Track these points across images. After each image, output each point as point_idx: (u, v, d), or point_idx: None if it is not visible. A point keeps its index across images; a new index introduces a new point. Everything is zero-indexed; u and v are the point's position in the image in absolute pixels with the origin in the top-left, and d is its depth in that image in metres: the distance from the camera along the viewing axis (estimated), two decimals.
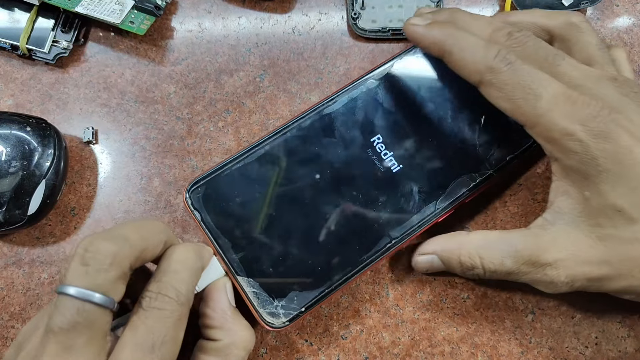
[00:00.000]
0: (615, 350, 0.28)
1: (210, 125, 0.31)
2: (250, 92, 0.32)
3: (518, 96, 0.22)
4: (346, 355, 0.29)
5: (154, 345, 0.19)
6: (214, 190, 0.25)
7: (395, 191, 0.26)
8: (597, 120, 0.20)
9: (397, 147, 0.27)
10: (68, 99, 0.32)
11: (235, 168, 0.26)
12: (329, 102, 0.27)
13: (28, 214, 0.27)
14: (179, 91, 0.32)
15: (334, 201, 0.26)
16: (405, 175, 0.26)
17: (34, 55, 0.31)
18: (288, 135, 0.26)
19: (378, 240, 0.26)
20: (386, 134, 0.27)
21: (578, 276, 0.21)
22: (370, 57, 0.32)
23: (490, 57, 0.23)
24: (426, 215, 0.26)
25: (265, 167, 0.26)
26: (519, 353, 0.28)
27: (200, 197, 0.25)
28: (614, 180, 0.20)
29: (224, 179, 0.26)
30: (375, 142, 0.27)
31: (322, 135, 0.27)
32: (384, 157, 0.26)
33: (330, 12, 0.33)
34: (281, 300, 0.24)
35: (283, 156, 0.26)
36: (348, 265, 0.25)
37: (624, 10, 0.33)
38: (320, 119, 0.27)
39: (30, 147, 0.28)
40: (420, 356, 0.28)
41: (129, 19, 0.30)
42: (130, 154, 0.31)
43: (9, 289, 0.29)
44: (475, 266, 0.24)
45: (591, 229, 0.21)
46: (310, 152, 0.26)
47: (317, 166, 0.26)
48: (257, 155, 0.26)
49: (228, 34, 0.33)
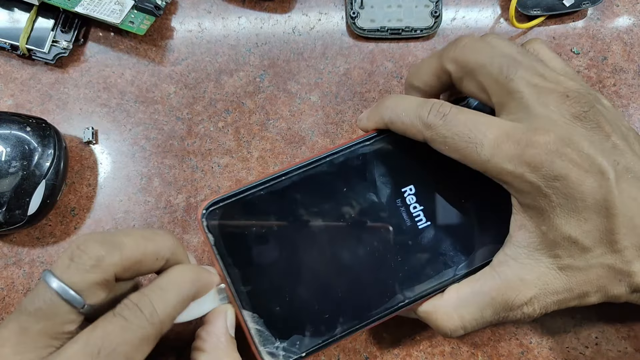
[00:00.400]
0: (615, 350, 0.28)
1: (210, 126, 0.31)
2: (250, 92, 0.32)
3: (461, 147, 0.22)
4: (346, 355, 0.29)
5: (100, 351, 0.18)
6: (232, 215, 0.23)
7: (418, 249, 0.24)
8: (545, 161, 0.20)
9: (429, 203, 0.24)
10: (68, 99, 0.32)
11: (258, 195, 0.23)
12: (368, 141, 0.25)
13: (28, 214, 0.27)
14: (179, 91, 0.32)
15: (354, 248, 0.24)
16: (431, 234, 0.24)
17: (33, 55, 0.31)
18: (319, 169, 0.24)
19: (391, 298, 0.24)
20: (420, 185, 0.24)
21: (549, 305, 0.22)
22: (370, 57, 0.32)
23: (424, 115, 0.22)
24: (443, 280, 0.24)
25: (290, 199, 0.24)
26: (519, 353, 0.28)
27: (217, 220, 0.23)
28: (567, 213, 0.21)
29: (245, 205, 0.23)
30: (406, 193, 0.24)
31: (354, 176, 0.24)
32: (412, 210, 0.24)
33: (330, 12, 0.33)
34: (283, 342, 0.23)
35: (310, 191, 0.24)
36: (356, 319, 0.24)
37: (624, 10, 0.33)
38: (356, 157, 0.24)
39: (30, 147, 0.28)
40: (420, 356, 0.28)
41: (129, 19, 0.30)
42: (130, 154, 0.31)
43: (9, 289, 0.29)
44: (455, 328, 0.23)
45: (551, 261, 0.22)
46: (339, 191, 0.24)
47: (343, 208, 0.24)
48: (284, 185, 0.24)
49: (228, 34, 0.33)
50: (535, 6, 0.32)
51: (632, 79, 0.32)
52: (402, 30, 0.32)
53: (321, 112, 0.32)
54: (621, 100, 0.32)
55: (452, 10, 0.33)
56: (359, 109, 0.32)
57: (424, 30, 0.32)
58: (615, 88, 0.32)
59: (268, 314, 0.23)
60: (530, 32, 0.33)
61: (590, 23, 0.33)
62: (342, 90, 0.32)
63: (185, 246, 0.30)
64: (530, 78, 0.22)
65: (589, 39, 0.33)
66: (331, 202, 0.24)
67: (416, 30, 0.32)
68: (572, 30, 0.33)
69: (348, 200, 0.24)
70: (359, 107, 0.32)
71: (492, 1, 0.33)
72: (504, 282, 0.22)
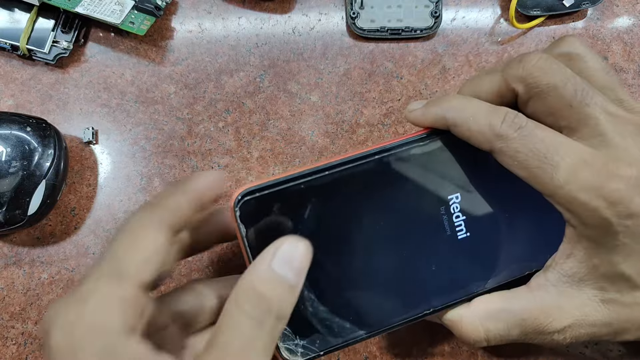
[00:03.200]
0: (615, 350, 0.28)
1: (210, 126, 0.31)
2: (251, 92, 0.32)
3: (533, 165, 0.20)
4: (346, 355, 0.29)
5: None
6: (268, 206, 0.22)
7: (453, 259, 0.23)
8: (625, 197, 0.19)
9: (472, 213, 0.23)
10: (68, 99, 0.32)
11: (297, 188, 0.22)
12: (422, 141, 0.23)
13: (28, 214, 0.27)
14: (179, 91, 0.32)
15: (387, 252, 0.23)
16: (468, 245, 0.23)
17: (34, 55, 0.31)
18: (365, 166, 0.22)
19: (417, 306, 0.23)
20: (466, 195, 0.23)
21: (581, 337, 0.21)
22: (370, 57, 0.32)
23: (497, 123, 0.21)
24: (471, 292, 0.24)
25: (329, 195, 0.22)
26: (518, 353, 0.28)
27: (252, 210, 0.21)
28: (628, 252, 0.20)
29: (282, 197, 0.22)
30: (452, 201, 0.23)
31: (400, 177, 0.23)
32: (454, 220, 0.23)
33: (330, 12, 0.33)
34: (303, 339, 0.23)
35: (352, 189, 0.22)
36: (379, 324, 0.23)
37: (624, 10, 0.33)
38: (406, 158, 0.23)
39: (30, 147, 0.28)
40: (420, 356, 0.28)
41: (129, 19, 0.30)
42: (131, 154, 0.31)
43: (9, 289, 0.29)
44: (478, 340, 0.22)
45: (595, 293, 0.21)
46: (381, 192, 0.23)
47: (382, 210, 0.23)
48: (325, 181, 0.22)
49: (228, 35, 0.33)
50: (535, 6, 0.32)
51: (632, 79, 0.32)
52: (402, 31, 0.32)
53: (321, 112, 0.32)
54: None
55: (452, 11, 0.33)
56: (359, 109, 0.32)
57: (424, 31, 0.32)
58: None
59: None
60: (530, 32, 0.33)
61: (590, 23, 0.33)
62: (342, 90, 0.32)
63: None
64: (606, 105, 0.20)
65: (589, 39, 0.33)
66: (370, 203, 0.23)
67: (416, 30, 0.32)
68: (572, 30, 0.33)
69: (389, 202, 0.23)
70: (359, 107, 0.32)
71: (492, 1, 0.33)
72: (539, 307, 0.21)
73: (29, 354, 0.29)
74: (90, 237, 0.30)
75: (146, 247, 0.19)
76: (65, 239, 0.30)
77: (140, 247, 0.19)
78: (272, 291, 0.18)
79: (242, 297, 0.18)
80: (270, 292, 0.18)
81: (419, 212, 0.23)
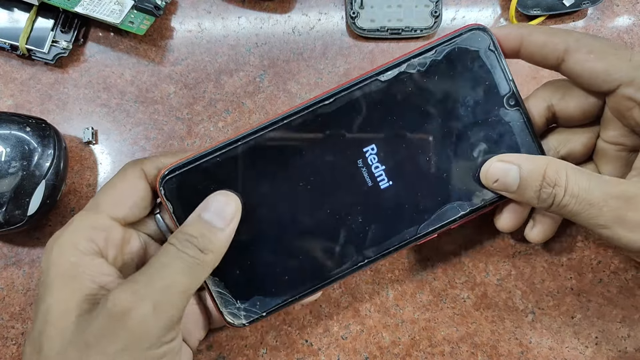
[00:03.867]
0: (615, 350, 0.28)
1: (210, 126, 0.31)
2: (250, 92, 0.32)
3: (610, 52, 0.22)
4: (346, 355, 0.29)
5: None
6: (190, 182, 0.23)
7: (378, 209, 0.24)
8: None
9: (391, 162, 0.24)
10: (68, 99, 0.32)
11: (215, 161, 0.23)
12: (326, 100, 0.24)
13: (28, 214, 0.27)
14: (178, 91, 0.32)
15: (312, 210, 0.24)
16: (392, 194, 0.24)
17: (33, 55, 0.31)
18: (276, 132, 0.24)
19: (351, 257, 0.24)
20: (382, 145, 0.24)
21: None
22: (370, 57, 0.32)
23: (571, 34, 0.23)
24: (405, 239, 0.24)
25: (247, 163, 0.24)
26: (518, 353, 0.28)
27: (174, 187, 0.23)
28: None
29: (202, 171, 0.23)
30: (368, 153, 0.24)
31: (313, 137, 0.24)
32: (374, 171, 0.24)
33: (330, 12, 0.33)
34: (244, 302, 0.24)
35: (268, 154, 0.24)
36: (315, 278, 0.24)
37: (624, 10, 0.33)
38: (314, 118, 0.24)
39: (30, 148, 0.28)
40: (420, 356, 0.29)
41: (129, 19, 0.30)
42: (130, 154, 0.31)
43: (9, 289, 0.29)
44: (558, 183, 0.22)
45: None
46: (297, 153, 0.24)
47: (301, 170, 0.24)
48: (241, 150, 0.23)
49: (228, 34, 0.33)
50: (535, 6, 0.32)
51: None
52: (402, 30, 0.32)
53: None
54: None
55: (452, 10, 0.33)
56: None
57: (424, 30, 0.32)
58: None
59: (228, 277, 0.24)
60: None
61: (590, 23, 0.33)
62: None
63: None
64: None
65: None
66: (291, 165, 0.24)
67: (416, 30, 0.32)
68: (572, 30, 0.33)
69: (308, 161, 0.24)
70: None
71: (492, 1, 0.33)
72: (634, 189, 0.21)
73: None
74: None
75: (122, 188, 0.23)
76: None
77: (118, 187, 0.23)
78: (195, 230, 0.21)
79: (175, 237, 0.21)
80: (194, 231, 0.21)
81: (339, 167, 0.24)
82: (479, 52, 0.24)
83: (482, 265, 0.30)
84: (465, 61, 0.24)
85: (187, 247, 0.21)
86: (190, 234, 0.21)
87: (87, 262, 0.21)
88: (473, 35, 0.24)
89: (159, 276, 0.20)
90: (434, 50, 0.24)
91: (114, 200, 0.23)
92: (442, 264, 0.30)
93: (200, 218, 0.22)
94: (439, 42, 0.24)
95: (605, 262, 0.30)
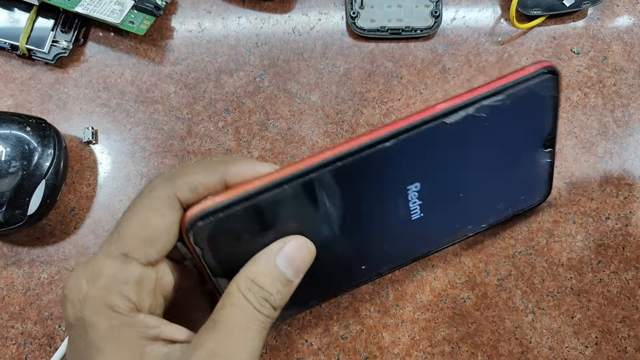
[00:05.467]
0: (615, 350, 0.28)
1: (210, 125, 0.31)
2: (250, 92, 0.32)
3: None
4: (346, 355, 0.29)
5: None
6: (227, 227, 0.20)
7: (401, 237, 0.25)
8: None
9: (429, 199, 0.24)
10: (68, 99, 0.32)
11: (254, 205, 0.20)
12: (386, 141, 0.21)
13: (28, 214, 0.27)
14: (178, 91, 0.32)
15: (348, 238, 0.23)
16: (419, 224, 0.24)
17: (33, 55, 0.31)
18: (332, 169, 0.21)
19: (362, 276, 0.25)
20: (426, 183, 0.23)
21: None
22: (370, 57, 0.32)
23: None
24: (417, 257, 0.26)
25: (299, 203, 0.21)
26: (518, 353, 0.28)
27: (206, 234, 0.19)
28: None
29: (243, 213, 0.20)
30: (411, 190, 0.23)
31: (367, 174, 0.22)
32: (411, 205, 0.24)
33: (330, 12, 0.33)
34: None
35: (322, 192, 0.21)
36: (327, 292, 0.25)
37: (624, 10, 0.33)
38: (372, 154, 0.21)
39: (30, 147, 0.28)
40: (420, 356, 0.28)
41: (129, 19, 0.30)
42: (130, 154, 0.31)
43: (9, 289, 0.29)
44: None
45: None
46: (349, 190, 0.22)
47: (351, 205, 0.22)
48: (283, 195, 0.20)
49: (228, 34, 0.33)
50: (536, 6, 0.32)
51: (632, 78, 0.32)
52: (402, 30, 0.32)
53: (321, 112, 0.32)
54: (621, 100, 0.32)
55: (452, 10, 0.33)
56: (359, 108, 0.32)
57: (424, 30, 0.32)
58: (615, 88, 0.32)
59: None
60: (530, 32, 0.33)
61: (590, 23, 0.33)
62: (342, 90, 0.32)
63: None
64: None
65: (589, 38, 0.33)
66: (340, 202, 0.22)
67: (416, 30, 0.32)
68: (572, 30, 0.33)
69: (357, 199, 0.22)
70: (358, 107, 0.32)
71: (492, 1, 0.33)
72: None
73: (29, 353, 0.29)
74: (90, 237, 0.30)
75: (153, 224, 0.18)
76: (65, 239, 0.30)
77: (149, 222, 0.18)
78: (271, 285, 0.19)
79: (243, 284, 0.19)
80: (269, 285, 0.19)
81: (382, 202, 0.23)
82: (546, 99, 0.23)
83: (482, 266, 0.30)
84: (531, 106, 0.23)
85: (264, 306, 0.19)
86: (267, 291, 0.19)
87: (127, 323, 0.18)
88: (546, 81, 0.22)
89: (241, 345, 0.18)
90: (503, 93, 0.22)
91: (143, 240, 0.18)
92: (442, 264, 0.30)
93: (277, 267, 0.19)
94: (509, 83, 0.22)
95: (605, 262, 0.29)
